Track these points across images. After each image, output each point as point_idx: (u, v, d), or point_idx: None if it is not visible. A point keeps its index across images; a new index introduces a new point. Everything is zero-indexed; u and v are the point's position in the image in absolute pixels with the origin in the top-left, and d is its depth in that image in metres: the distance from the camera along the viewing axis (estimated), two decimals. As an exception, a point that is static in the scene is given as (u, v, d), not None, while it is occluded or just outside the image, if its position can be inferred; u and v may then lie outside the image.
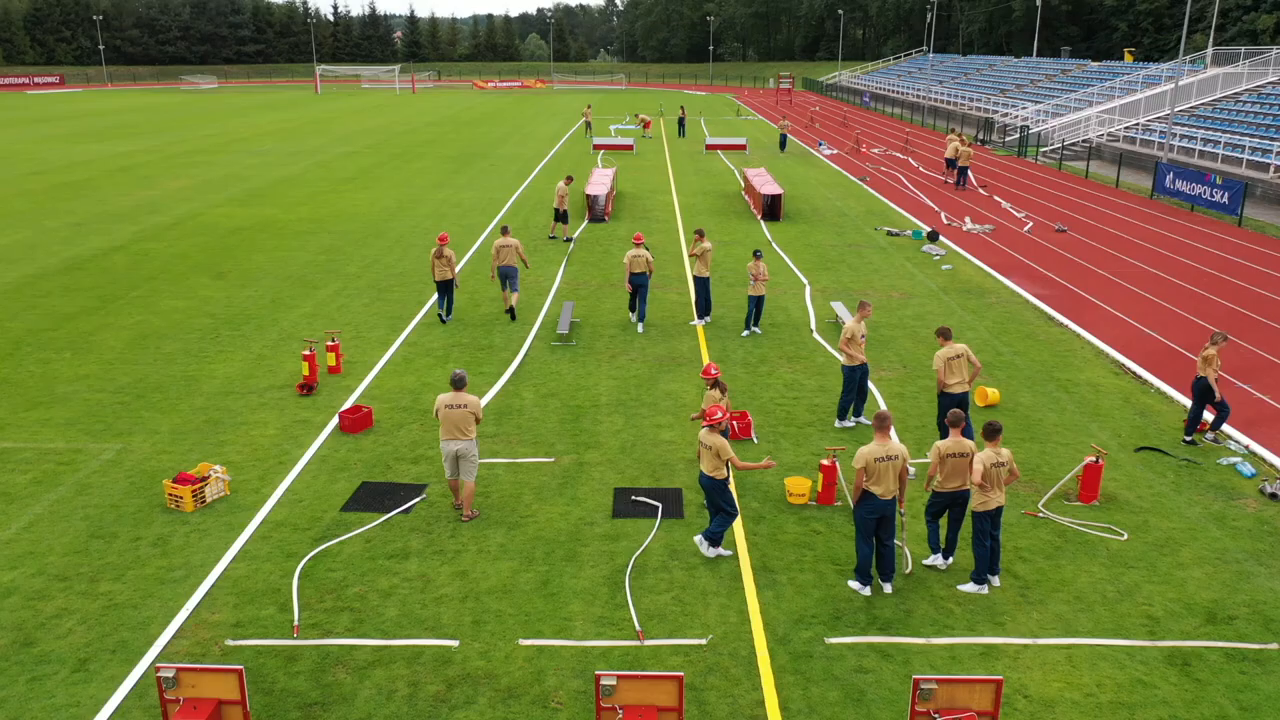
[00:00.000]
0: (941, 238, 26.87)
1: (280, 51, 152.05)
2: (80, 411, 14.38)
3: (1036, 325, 19.05)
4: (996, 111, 56.06)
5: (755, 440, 13.42)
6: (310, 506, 11.48)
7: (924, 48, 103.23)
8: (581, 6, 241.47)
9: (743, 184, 35.45)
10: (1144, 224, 29.46)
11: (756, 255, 17.83)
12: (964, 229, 28.53)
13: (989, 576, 9.76)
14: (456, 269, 19.24)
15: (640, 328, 18.67)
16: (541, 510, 11.43)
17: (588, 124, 55.69)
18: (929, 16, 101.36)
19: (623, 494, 11.85)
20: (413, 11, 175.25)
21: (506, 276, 19.10)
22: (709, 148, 47.98)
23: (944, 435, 12.90)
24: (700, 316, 19.19)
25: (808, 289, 21.61)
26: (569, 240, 26.66)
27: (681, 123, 56.80)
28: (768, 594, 9.67)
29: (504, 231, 19.47)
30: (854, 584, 9.74)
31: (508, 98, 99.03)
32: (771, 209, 29.63)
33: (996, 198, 34.31)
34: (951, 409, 10.40)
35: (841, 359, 13.74)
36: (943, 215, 30.69)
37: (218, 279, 22.32)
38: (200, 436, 13.48)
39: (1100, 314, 19.83)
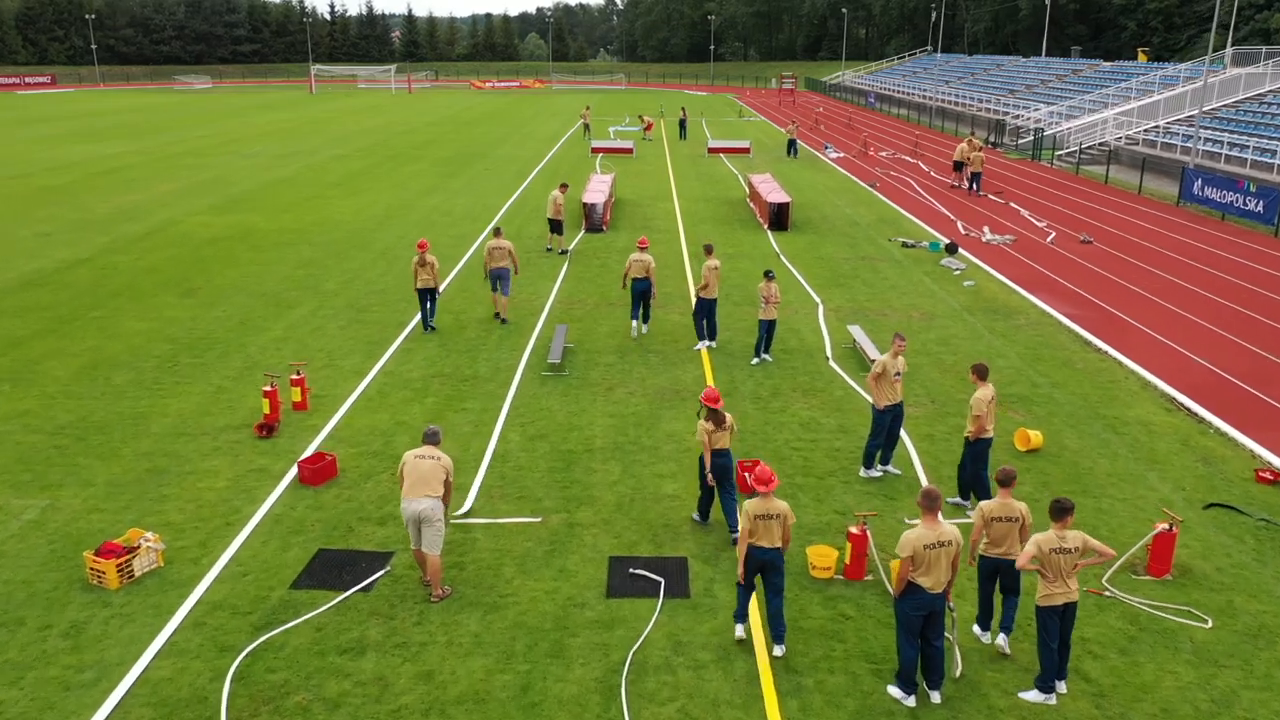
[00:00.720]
0: (960, 250, 25.25)
1: (276, 51, 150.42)
2: (10, 457, 12.77)
3: (1073, 351, 17.43)
4: (1007, 113, 54.42)
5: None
6: (256, 582, 9.87)
7: (928, 47, 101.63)
8: (581, 6, 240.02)
9: (747, 190, 33.85)
10: (1173, 234, 27.84)
11: (768, 276, 16.24)
12: (983, 240, 26.92)
13: (1056, 681, 8.16)
14: (442, 283, 18.60)
15: (643, 330, 18.08)
16: (524, 586, 9.82)
17: (586, 126, 54.11)
18: (934, 16, 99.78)
19: (619, 565, 10.24)
20: (410, 10, 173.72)
21: (498, 279, 18.53)
22: (711, 151, 46.37)
23: (979, 492, 11.36)
24: (702, 339, 17.63)
25: (820, 308, 20.00)
26: (564, 253, 25.07)
27: (682, 124, 55.18)
28: (792, 704, 8.06)
29: (496, 233, 18.79)
30: (895, 691, 8.14)
31: (506, 98, 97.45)
32: (779, 218, 28.02)
33: (1013, 204, 32.70)
34: (1003, 466, 8.82)
35: (870, 398, 12.12)
36: (959, 224, 29.08)
37: (185, 297, 20.71)
38: (140, 489, 11.87)
39: (1140, 337, 18.22)
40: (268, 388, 13.76)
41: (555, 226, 24.98)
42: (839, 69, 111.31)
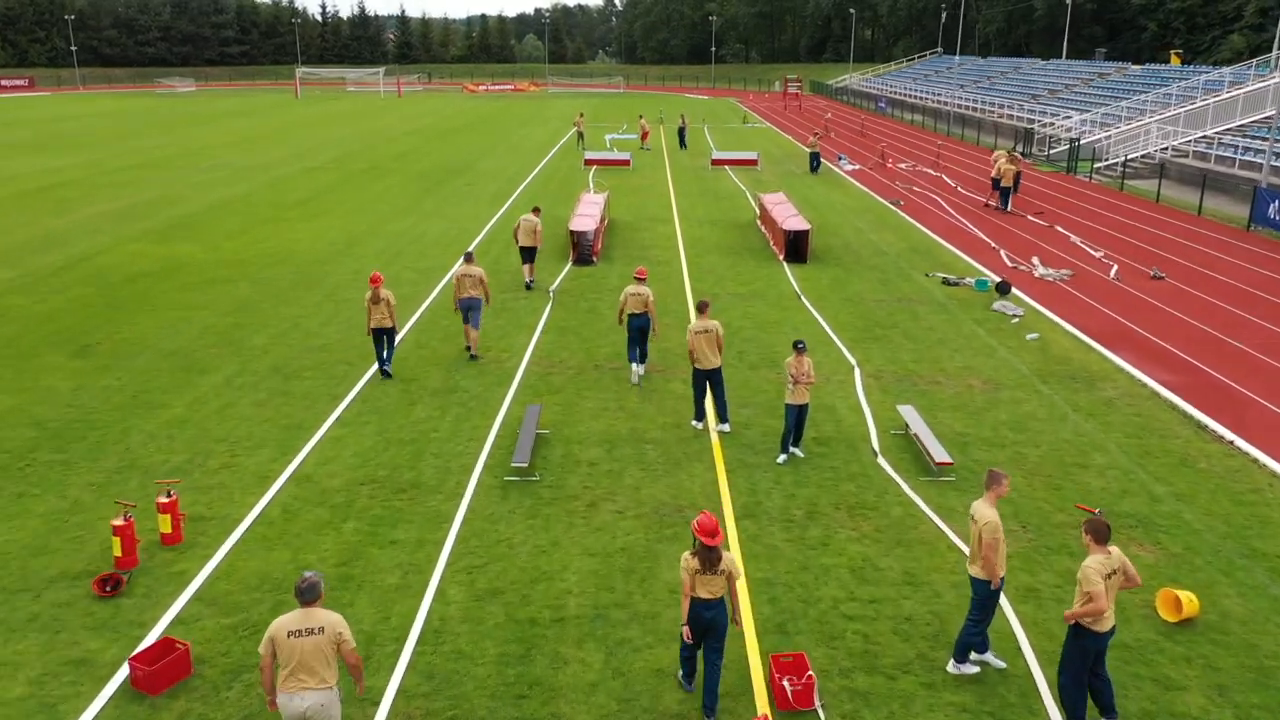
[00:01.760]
0: (1013, 289, 21.44)
1: (265, 53, 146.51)
2: None
3: (1187, 439, 13.62)
4: (1034, 120, 50.63)
5: (821, 714, 8.00)
6: None
7: (938, 49, 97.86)
8: (580, 7, 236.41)
9: (758, 211, 30.05)
10: (1254, 267, 24.01)
11: (798, 349, 12.47)
12: (1035, 274, 23.12)
13: None
14: (403, 326, 16.33)
15: (639, 372, 15.70)
16: None
17: (580, 134, 50.25)
18: (943, 16, 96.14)
19: None
20: (403, 11, 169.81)
21: (468, 309, 16.46)
22: (715, 163, 42.52)
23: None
24: (701, 416, 13.94)
25: (858, 373, 16.20)
26: (529, 285, 21.50)
27: (682, 133, 51.09)
28: None
29: (467, 259, 16.68)
30: None
31: (498, 102, 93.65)
32: (796, 248, 24.22)
33: (1059, 228, 28.89)
34: None
35: (973, 570, 8.30)
36: (1003, 254, 25.28)
37: (77, 357, 16.89)
38: (-107, 705, 8.08)
39: (1265, 416, 14.42)
40: (120, 521, 9.99)
41: (530, 255, 21.58)
42: (845, 71, 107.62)
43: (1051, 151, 43.49)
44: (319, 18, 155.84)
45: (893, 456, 12.99)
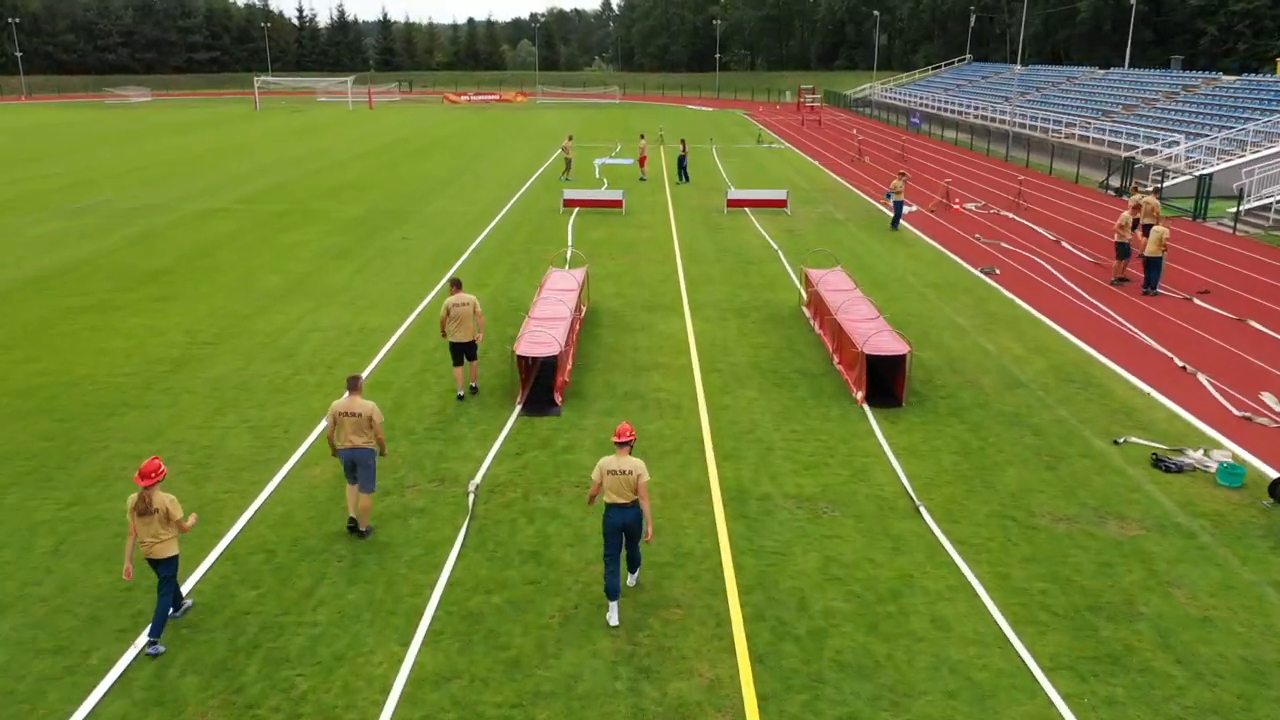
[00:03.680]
0: (1296, 490, 12.07)
1: (238, 59, 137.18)
2: None
3: None
4: (1127, 146, 41.31)
5: None
6: None
7: (966, 56, 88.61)
8: (576, 11, 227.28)
9: (804, 295, 20.69)
10: None
11: None
12: (1291, 436, 13.82)
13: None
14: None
15: (631, 579, 9.71)
16: None
17: (568, 163, 40.83)
18: (973, 20, 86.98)
19: None
20: (385, 14, 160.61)
21: (354, 466, 10.49)
22: (732, 204, 33.01)
23: None
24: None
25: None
26: (473, 389, 12.31)
27: (682, 162, 40.13)
28: None
29: (351, 386, 10.57)
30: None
31: (479, 115, 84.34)
32: (885, 383, 14.92)
33: (1253, 322, 19.58)
34: None
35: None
36: (1203, 379, 16.00)
37: None
38: None
39: None
40: None
41: (469, 352, 13.89)
42: (859, 79, 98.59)
43: (1162, 187, 34.12)
44: (295, 22, 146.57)
45: None
